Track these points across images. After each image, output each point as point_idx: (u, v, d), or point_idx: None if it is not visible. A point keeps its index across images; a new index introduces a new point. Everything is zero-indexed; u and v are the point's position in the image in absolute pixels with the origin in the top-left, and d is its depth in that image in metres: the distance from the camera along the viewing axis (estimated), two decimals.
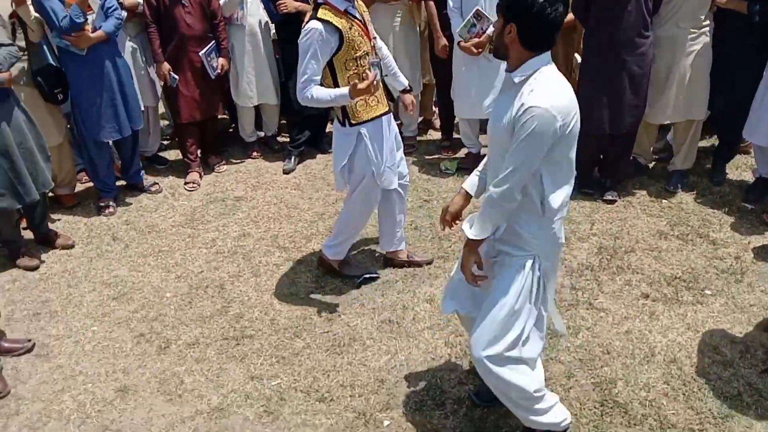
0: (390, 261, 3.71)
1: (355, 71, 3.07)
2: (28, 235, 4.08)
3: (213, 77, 4.63)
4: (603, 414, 2.70)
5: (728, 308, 3.29)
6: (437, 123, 5.46)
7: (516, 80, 2.06)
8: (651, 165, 4.71)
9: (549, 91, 2.00)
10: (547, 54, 2.07)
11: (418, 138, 5.30)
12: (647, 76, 4.05)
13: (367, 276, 3.59)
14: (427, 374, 2.95)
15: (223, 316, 3.38)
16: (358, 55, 3.07)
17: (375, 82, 2.97)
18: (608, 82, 4.00)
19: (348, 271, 3.63)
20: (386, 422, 2.71)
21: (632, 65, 3.96)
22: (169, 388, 2.94)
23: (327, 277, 3.64)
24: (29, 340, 3.22)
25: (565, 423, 2.44)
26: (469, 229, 2.24)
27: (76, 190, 4.61)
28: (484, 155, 4.87)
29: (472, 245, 2.27)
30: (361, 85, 2.93)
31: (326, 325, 3.28)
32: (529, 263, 2.23)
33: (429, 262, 3.73)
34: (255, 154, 5.19)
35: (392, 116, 3.39)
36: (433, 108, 5.58)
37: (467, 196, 2.44)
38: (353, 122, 3.17)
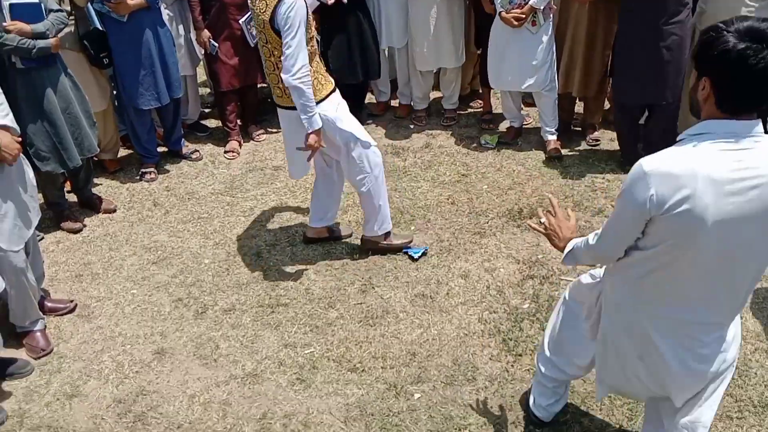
0: (313, 240, 3.70)
1: (310, 50, 3.02)
2: (72, 198, 4.17)
3: (252, 45, 4.61)
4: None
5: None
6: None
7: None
8: None
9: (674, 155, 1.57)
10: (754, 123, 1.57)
11: (459, 111, 5.22)
12: (688, 45, 3.88)
13: (413, 251, 3.57)
14: (459, 349, 2.94)
15: (259, 284, 3.42)
16: (311, 35, 3.04)
17: (317, 61, 3.08)
18: (646, 51, 3.84)
19: (394, 240, 3.60)
20: (417, 395, 2.72)
21: (671, 33, 3.80)
22: (204, 352, 2.99)
23: (361, 249, 3.63)
24: (71, 301, 3.32)
25: None
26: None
27: (119, 156, 4.68)
28: (527, 129, 4.84)
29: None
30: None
31: (360, 296, 3.29)
32: None
33: (348, 235, 3.74)
34: None
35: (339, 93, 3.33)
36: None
37: None
38: (317, 100, 3.09)
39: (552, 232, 2.06)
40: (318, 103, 3.09)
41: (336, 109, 3.23)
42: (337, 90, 3.30)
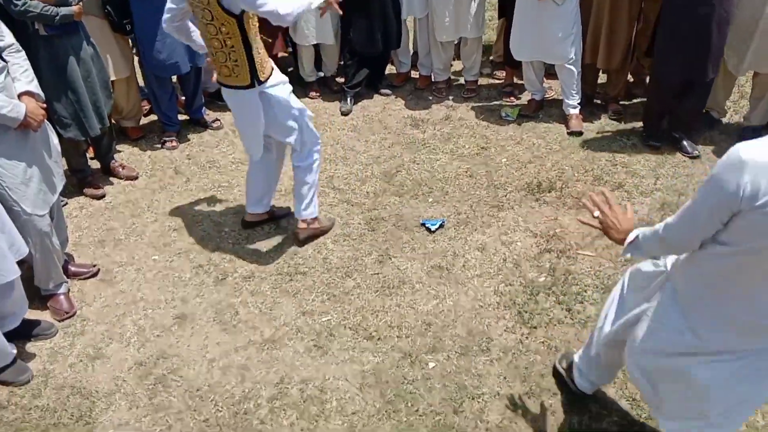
0: (251, 224, 3.63)
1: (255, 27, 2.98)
2: (95, 164, 4.23)
3: None
4: None
5: None
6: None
7: None
8: (725, 120, 4.47)
9: None
10: None
11: (479, 83, 5.16)
12: (731, 21, 3.79)
13: (430, 222, 3.58)
14: (474, 321, 2.96)
15: (278, 252, 3.45)
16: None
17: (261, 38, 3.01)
18: (696, 27, 3.73)
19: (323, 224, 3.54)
20: (431, 364, 2.75)
21: (720, 9, 3.68)
22: (224, 318, 3.05)
23: (380, 220, 3.65)
24: (94, 266, 3.39)
25: None
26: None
27: (141, 124, 4.72)
28: (548, 102, 4.78)
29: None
30: None
31: (377, 266, 3.31)
32: None
33: (288, 212, 3.71)
34: (314, 93, 5.17)
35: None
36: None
37: None
38: (261, 79, 3.04)
39: (608, 225, 1.94)
40: (266, 83, 3.06)
41: (284, 88, 3.18)
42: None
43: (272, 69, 3.16)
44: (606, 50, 4.33)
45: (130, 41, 4.36)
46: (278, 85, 3.15)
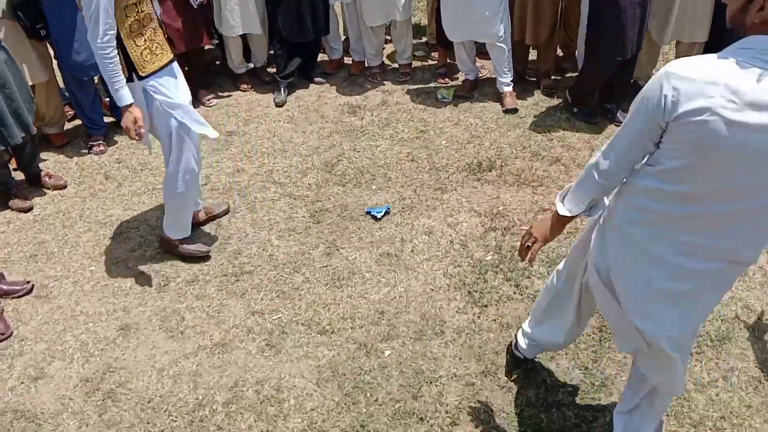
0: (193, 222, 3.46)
1: (137, 18, 2.79)
2: (19, 176, 4.01)
3: (195, 6, 4.44)
4: (601, 340, 2.73)
5: None
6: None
7: None
8: None
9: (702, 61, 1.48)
10: None
11: (413, 65, 5.16)
12: None
13: (375, 210, 3.56)
14: (427, 305, 2.97)
15: (221, 253, 3.37)
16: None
17: (153, 28, 2.84)
18: (634, 7, 3.78)
19: (187, 249, 3.32)
20: (387, 352, 2.75)
21: None
22: (170, 325, 2.96)
23: (324, 211, 3.61)
24: (28, 282, 3.22)
25: None
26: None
27: (65, 129, 4.50)
28: (482, 81, 4.82)
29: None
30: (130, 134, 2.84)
31: (325, 259, 3.28)
32: None
33: (226, 212, 3.62)
34: (245, 86, 5.06)
35: (177, 64, 3.10)
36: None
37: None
38: (142, 75, 2.86)
39: (530, 239, 2.01)
40: (145, 77, 2.88)
41: (170, 89, 2.97)
42: (176, 66, 3.06)
43: (163, 65, 2.95)
44: (533, 26, 4.39)
45: (48, 44, 4.14)
46: (159, 83, 2.94)
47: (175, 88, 3.02)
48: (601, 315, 2.82)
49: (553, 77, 4.80)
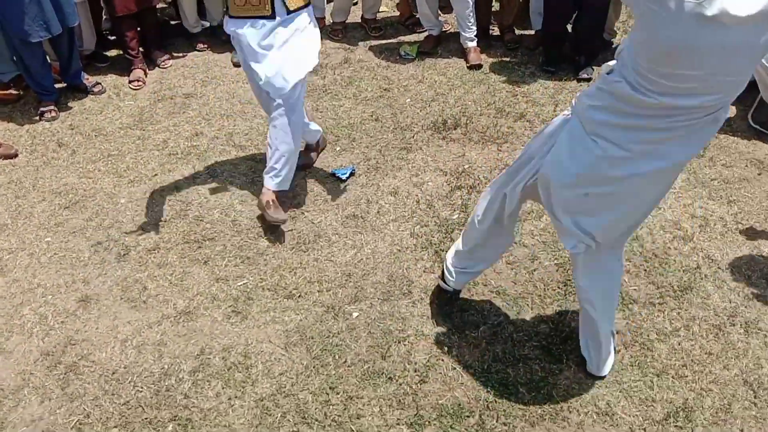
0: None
1: None
2: None
3: None
4: (566, 293, 2.78)
5: (689, 183, 3.34)
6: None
7: None
8: (615, 41, 4.62)
9: None
10: None
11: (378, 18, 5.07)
12: None
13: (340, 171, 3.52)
14: (394, 266, 2.98)
15: (182, 220, 3.32)
16: None
17: None
18: None
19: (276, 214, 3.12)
20: (355, 314, 2.76)
21: None
22: (132, 295, 2.92)
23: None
24: None
25: None
26: None
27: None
28: (446, 37, 4.77)
29: None
30: None
31: (290, 223, 3.25)
32: None
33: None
34: (201, 46, 4.93)
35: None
36: None
37: None
38: (231, 14, 2.88)
39: None
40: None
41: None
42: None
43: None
44: None
45: None
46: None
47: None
48: (566, 270, 2.87)
49: (516, 31, 4.77)
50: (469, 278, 2.67)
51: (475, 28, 4.49)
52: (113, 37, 5.12)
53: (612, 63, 1.84)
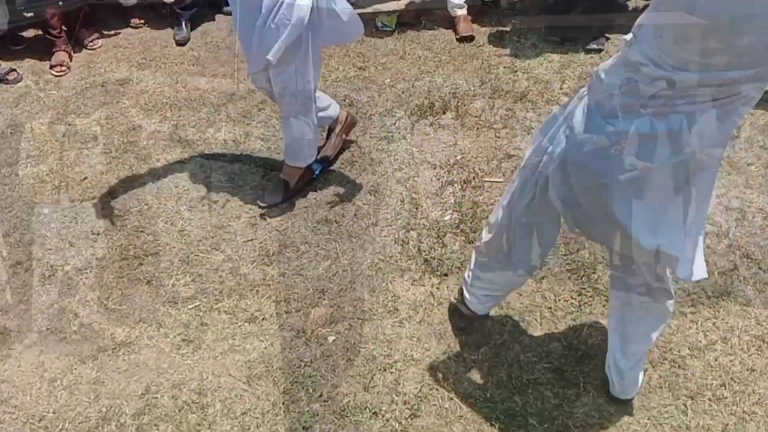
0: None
1: None
2: None
3: None
4: (581, 305, 2.81)
5: (722, 169, 3.39)
6: None
7: None
8: (631, 4, 4.68)
9: None
10: None
11: None
12: None
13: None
14: (376, 278, 2.99)
15: (119, 231, 3.31)
16: None
17: None
18: None
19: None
20: (331, 338, 2.77)
21: None
22: (60, 324, 2.91)
23: (245, 173, 3.57)
24: None
25: None
26: None
27: None
28: (429, 5, 4.80)
29: None
30: None
31: (249, 231, 3.26)
32: None
33: None
34: (136, 21, 4.92)
35: None
36: None
37: None
38: None
39: None
40: None
41: None
42: None
43: None
44: None
45: None
46: None
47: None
48: (578, 275, 2.89)
49: None
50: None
51: None
52: (30, 14, 5.09)
53: (629, 37, 1.86)
